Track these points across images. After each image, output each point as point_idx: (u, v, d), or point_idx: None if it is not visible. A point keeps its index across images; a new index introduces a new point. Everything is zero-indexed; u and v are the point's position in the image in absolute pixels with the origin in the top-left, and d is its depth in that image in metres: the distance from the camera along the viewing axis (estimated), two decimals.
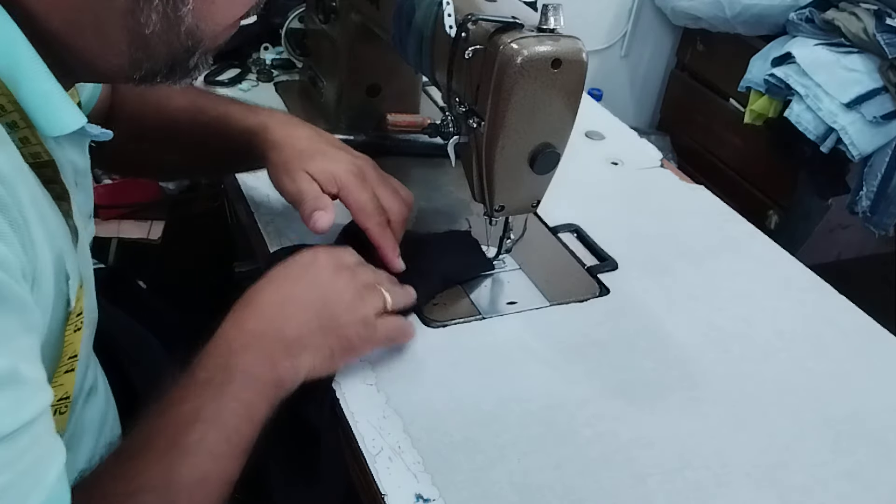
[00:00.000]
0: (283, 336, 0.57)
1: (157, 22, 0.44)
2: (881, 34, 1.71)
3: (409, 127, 0.96)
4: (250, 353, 0.56)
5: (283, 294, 0.60)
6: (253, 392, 0.54)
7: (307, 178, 0.70)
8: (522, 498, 0.56)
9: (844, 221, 2.02)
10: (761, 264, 0.85)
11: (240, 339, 0.57)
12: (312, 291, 0.60)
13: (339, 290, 0.61)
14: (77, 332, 0.48)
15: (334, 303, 0.60)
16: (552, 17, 0.61)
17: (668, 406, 0.65)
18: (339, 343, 0.60)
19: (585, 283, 0.79)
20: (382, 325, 0.63)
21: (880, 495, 0.60)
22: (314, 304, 0.60)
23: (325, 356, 0.59)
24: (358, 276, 0.64)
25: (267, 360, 0.56)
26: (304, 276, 0.62)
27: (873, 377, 0.71)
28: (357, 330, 0.61)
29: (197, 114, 0.76)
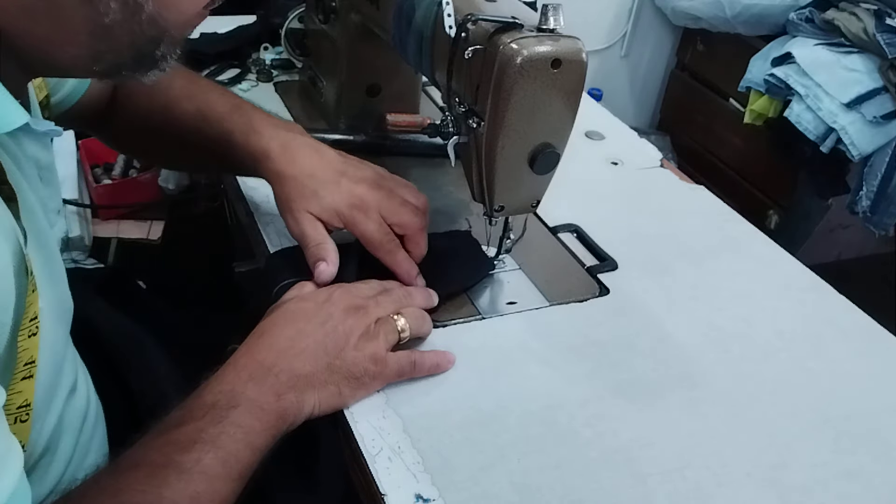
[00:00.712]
0: (292, 370, 0.58)
1: (118, 10, 0.43)
2: (881, 34, 1.71)
3: (408, 127, 0.96)
4: (257, 382, 0.56)
5: (297, 328, 0.61)
6: (255, 420, 0.55)
7: (310, 219, 0.70)
8: (522, 498, 0.56)
9: (844, 221, 2.02)
10: (761, 264, 0.85)
11: (249, 368, 0.57)
12: (323, 329, 0.61)
13: (349, 328, 0.61)
14: (32, 337, 0.47)
15: (343, 341, 0.61)
16: (552, 17, 0.61)
17: (668, 406, 0.65)
18: (346, 382, 0.60)
19: (585, 283, 0.79)
20: (393, 361, 0.63)
21: (880, 495, 0.60)
22: (324, 342, 0.60)
23: (332, 393, 0.60)
24: (371, 313, 0.64)
25: (272, 392, 0.56)
26: (318, 313, 0.62)
27: (873, 377, 0.71)
28: (366, 367, 0.61)
29: (202, 124, 0.75)
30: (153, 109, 0.76)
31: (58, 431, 0.54)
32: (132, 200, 1.41)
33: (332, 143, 0.95)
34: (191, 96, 0.76)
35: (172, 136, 0.77)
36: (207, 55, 1.12)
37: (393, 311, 0.65)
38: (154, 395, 0.66)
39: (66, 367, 0.56)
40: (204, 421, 0.53)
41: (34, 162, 0.51)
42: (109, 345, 0.69)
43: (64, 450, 0.56)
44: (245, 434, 0.54)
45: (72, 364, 0.59)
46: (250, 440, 0.54)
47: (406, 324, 0.65)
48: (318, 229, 0.70)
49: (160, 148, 0.81)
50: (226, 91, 0.79)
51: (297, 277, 0.69)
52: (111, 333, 0.69)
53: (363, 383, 0.61)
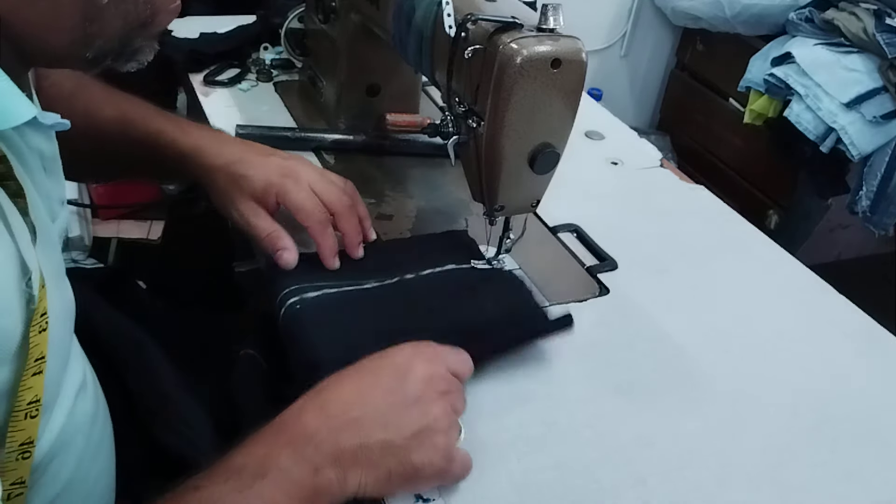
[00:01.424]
0: (337, 443, 0.50)
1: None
2: (881, 34, 1.71)
3: (408, 127, 0.96)
4: (294, 450, 0.49)
5: (361, 390, 0.53)
6: (283, 493, 0.48)
7: (250, 206, 0.70)
8: (522, 498, 0.56)
9: (844, 221, 2.02)
10: (761, 264, 0.85)
11: (290, 431, 0.51)
12: (395, 396, 0.53)
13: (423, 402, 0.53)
14: (42, 332, 0.46)
15: (416, 416, 0.52)
16: (552, 17, 0.61)
17: (668, 406, 0.65)
18: (401, 468, 0.51)
19: (585, 283, 0.79)
20: (460, 459, 0.54)
21: (880, 495, 0.60)
22: (390, 413, 0.52)
23: (380, 478, 0.51)
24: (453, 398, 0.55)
25: (309, 464, 0.49)
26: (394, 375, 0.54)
27: (873, 377, 0.71)
28: (432, 459, 0.52)
29: (126, 127, 0.73)
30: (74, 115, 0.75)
31: (69, 430, 0.54)
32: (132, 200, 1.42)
33: (331, 143, 0.95)
34: (111, 102, 0.75)
35: (94, 142, 0.75)
36: (207, 55, 1.11)
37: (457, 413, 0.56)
38: (153, 396, 0.66)
39: (73, 364, 0.56)
40: (226, 486, 0.47)
41: (38, 153, 0.51)
42: (109, 345, 0.69)
43: (75, 449, 0.56)
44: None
45: (79, 361, 0.58)
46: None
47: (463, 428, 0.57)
48: (262, 216, 0.70)
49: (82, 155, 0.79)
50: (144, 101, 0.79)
51: (301, 284, 0.69)
52: (111, 333, 0.69)
53: (420, 476, 0.52)
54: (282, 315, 0.68)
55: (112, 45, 0.47)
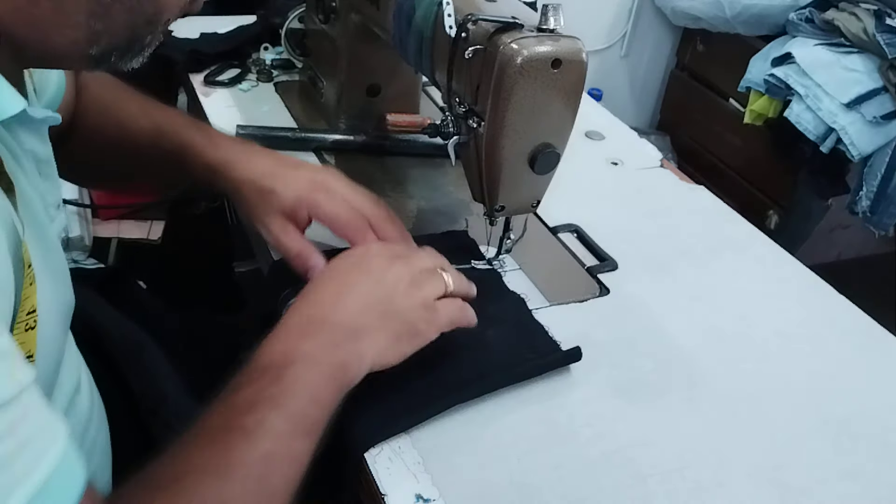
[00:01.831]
0: (344, 322, 0.56)
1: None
2: (881, 34, 1.71)
3: (409, 127, 0.96)
4: (311, 337, 0.55)
5: (340, 283, 0.59)
6: (316, 374, 0.53)
7: (279, 223, 0.69)
8: (522, 498, 0.56)
9: (844, 221, 2.02)
10: (761, 264, 0.85)
11: (299, 326, 0.56)
12: (369, 279, 0.59)
13: (396, 276, 0.60)
14: (30, 330, 0.46)
15: (392, 288, 0.59)
16: (552, 17, 0.61)
17: (668, 406, 0.65)
18: (403, 328, 0.58)
19: (585, 283, 0.79)
20: (444, 307, 0.61)
21: (880, 495, 0.60)
22: (372, 291, 0.59)
23: (390, 340, 0.57)
24: (414, 262, 0.62)
25: (328, 344, 0.55)
26: (359, 265, 0.61)
27: (873, 377, 0.71)
28: (419, 314, 0.59)
29: (158, 139, 0.73)
30: (107, 125, 0.75)
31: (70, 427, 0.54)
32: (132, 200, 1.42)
33: (331, 144, 0.95)
34: (146, 114, 0.75)
35: (125, 152, 0.75)
36: (207, 55, 1.11)
37: (432, 266, 0.63)
38: (154, 396, 0.66)
39: (68, 366, 0.56)
40: (262, 382, 0.51)
41: (32, 155, 0.51)
42: (110, 345, 0.69)
43: None
44: (307, 389, 0.52)
45: (74, 364, 0.58)
46: (314, 394, 0.52)
47: (449, 279, 0.62)
48: (291, 233, 0.68)
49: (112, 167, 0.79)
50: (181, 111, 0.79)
51: (301, 286, 0.69)
52: (111, 334, 0.69)
53: (419, 330, 0.59)
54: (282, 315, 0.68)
55: (118, 41, 0.46)
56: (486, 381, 0.63)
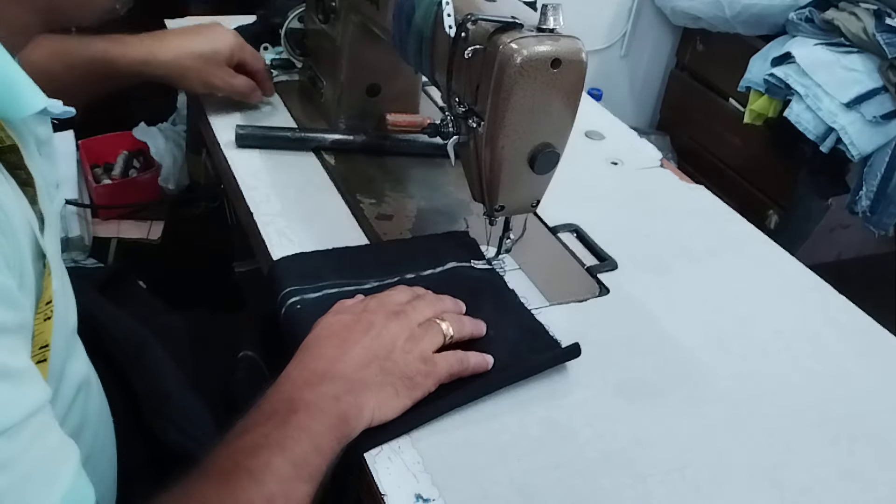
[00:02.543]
0: (345, 375, 0.58)
1: None
2: (881, 34, 1.71)
3: (409, 127, 0.96)
4: (313, 388, 0.57)
5: (341, 339, 0.61)
6: (318, 423, 0.54)
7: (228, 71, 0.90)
8: (522, 498, 0.56)
9: (844, 221, 2.02)
10: (761, 264, 0.85)
11: (303, 377, 0.58)
12: (368, 336, 0.61)
13: (394, 332, 0.62)
14: (47, 320, 0.47)
15: (391, 344, 0.61)
16: (552, 17, 0.61)
17: (668, 406, 0.65)
18: (401, 382, 0.60)
19: (585, 283, 0.79)
20: (442, 360, 0.62)
21: (880, 495, 0.60)
22: (372, 347, 0.60)
23: (389, 395, 0.59)
24: (411, 316, 0.64)
25: (329, 396, 0.56)
26: (359, 323, 0.62)
27: (873, 377, 0.71)
28: (417, 367, 0.60)
29: (67, 57, 0.75)
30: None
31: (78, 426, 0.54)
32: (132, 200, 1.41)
33: (331, 143, 0.95)
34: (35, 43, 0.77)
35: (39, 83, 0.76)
36: None
37: (432, 315, 0.65)
38: (157, 395, 0.66)
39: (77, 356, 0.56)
40: (267, 426, 0.53)
41: (34, 138, 0.52)
42: (111, 344, 0.69)
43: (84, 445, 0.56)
44: (310, 437, 0.53)
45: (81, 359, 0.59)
46: (316, 443, 0.53)
47: (449, 327, 0.64)
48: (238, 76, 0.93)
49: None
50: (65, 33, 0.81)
51: (302, 285, 0.69)
52: (113, 333, 0.69)
53: (417, 383, 0.60)
54: (282, 315, 0.68)
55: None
56: (486, 381, 0.63)
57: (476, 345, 0.66)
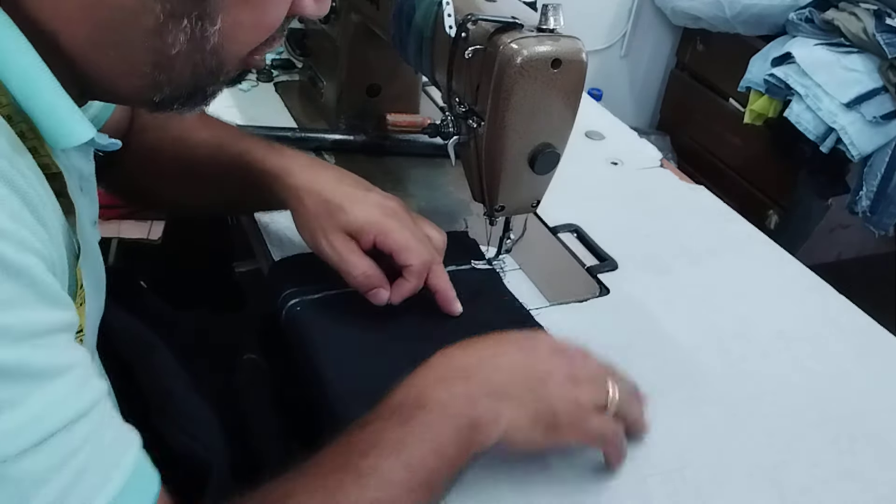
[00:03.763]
0: (489, 379, 0.53)
1: (184, 42, 0.43)
2: (881, 34, 1.71)
3: (409, 127, 0.96)
4: (449, 385, 0.52)
5: (498, 347, 0.57)
6: (444, 425, 0.50)
7: (344, 241, 0.66)
8: (522, 498, 0.56)
9: (844, 221, 2.02)
10: (761, 264, 0.85)
11: (442, 370, 0.53)
12: (529, 356, 0.56)
13: (557, 364, 0.56)
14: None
15: (548, 373, 0.55)
16: (552, 17, 0.61)
17: (668, 406, 0.65)
18: (545, 413, 0.53)
19: (585, 283, 0.79)
20: (599, 420, 0.55)
21: (880, 495, 0.60)
22: (528, 365, 0.55)
23: (529, 417, 0.53)
24: (577, 362, 0.57)
25: (466, 396, 0.51)
26: (522, 342, 0.58)
27: (873, 377, 0.71)
28: (567, 407, 0.54)
29: (217, 149, 0.73)
30: (165, 140, 0.75)
31: None
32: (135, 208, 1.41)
33: (332, 143, 0.95)
34: (205, 125, 0.75)
35: (184, 166, 0.75)
36: None
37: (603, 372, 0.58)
38: (162, 394, 0.66)
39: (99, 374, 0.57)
40: (390, 421, 0.49)
41: (77, 173, 0.52)
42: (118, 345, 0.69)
43: None
44: (433, 437, 0.49)
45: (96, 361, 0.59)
46: (438, 446, 0.49)
47: (616, 393, 0.56)
48: (357, 254, 0.66)
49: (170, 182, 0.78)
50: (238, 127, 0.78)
51: (302, 286, 0.69)
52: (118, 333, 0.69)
53: (560, 424, 0.54)
54: (283, 317, 0.68)
55: (181, 91, 0.47)
56: None
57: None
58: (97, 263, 0.54)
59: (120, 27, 0.42)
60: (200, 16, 0.42)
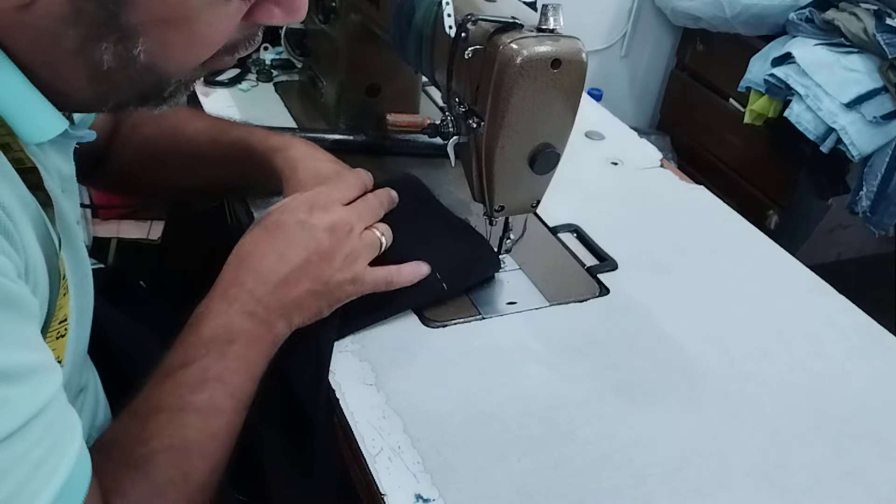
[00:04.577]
0: (280, 301, 0.62)
1: (112, 60, 0.44)
2: (881, 34, 1.71)
3: (409, 127, 0.96)
4: (250, 316, 0.60)
5: (280, 254, 0.63)
6: (254, 350, 0.59)
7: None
8: (522, 498, 0.56)
9: (844, 221, 2.02)
10: (761, 264, 0.85)
11: (240, 300, 0.61)
12: (306, 253, 0.63)
13: (332, 252, 0.64)
14: (60, 338, 0.48)
15: (328, 265, 0.64)
16: (552, 18, 0.61)
17: (668, 406, 0.65)
18: (328, 302, 0.65)
19: (585, 283, 0.79)
20: (371, 278, 0.66)
21: (880, 495, 0.60)
22: (309, 269, 0.63)
23: (315, 313, 0.64)
24: (355, 230, 0.66)
25: (265, 325, 0.61)
26: (301, 233, 0.64)
27: (873, 377, 0.71)
28: (346, 289, 0.65)
29: (217, 134, 0.78)
30: (161, 133, 0.78)
31: None
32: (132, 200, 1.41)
33: (332, 143, 0.95)
34: (201, 117, 0.80)
35: (185, 153, 0.78)
36: None
37: (373, 221, 0.69)
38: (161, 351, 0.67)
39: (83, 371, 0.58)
40: (207, 359, 0.57)
41: (58, 173, 0.52)
42: (114, 346, 0.69)
43: None
44: (247, 367, 0.58)
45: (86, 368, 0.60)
46: (251, 371, 0.59)
47: (383, 236, 0.68)
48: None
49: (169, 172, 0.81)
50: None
51: None
52: (116, 334, 0.70)
53: (341, 300, 0.66)
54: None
55: (128, 99, 0.48)
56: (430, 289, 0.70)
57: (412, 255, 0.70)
58: (82, 262, 0.54)
59: (47, 46, 0.43)
60: (119, 39, 0.43)
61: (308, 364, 0.64)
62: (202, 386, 0.55)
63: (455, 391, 0.64)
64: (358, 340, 0.68)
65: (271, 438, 0.65)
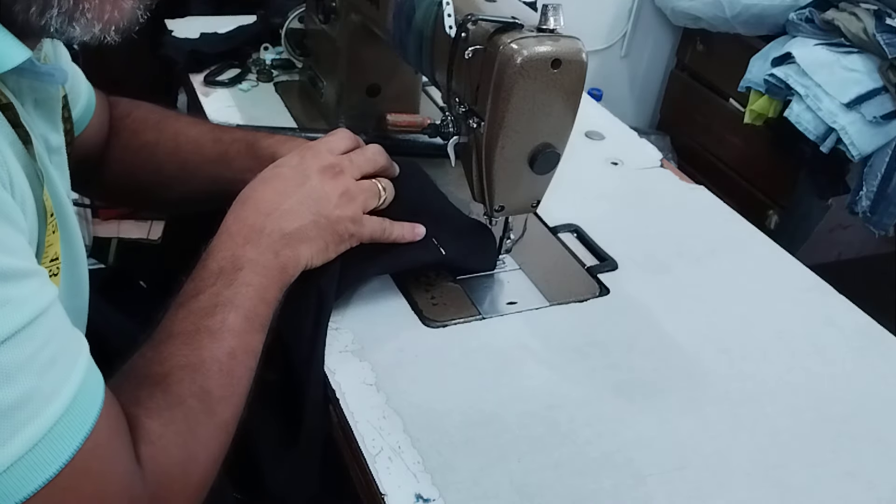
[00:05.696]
0: (282, 230, 0.64)
1: None
2: (881, 34, 1.71)
3: (409, 127, 0.96)
4: (253, 245, 0.62)
5: (276, 191, 0.66)
6: (262, 276, 0.61)
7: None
8: (522, 498, 0.56)
9: (844, 221, 2.02)
10: (761, 264, 0.85)
11: (242, 233, 0.63)
12: (303, 189, 0.66)
13: (328, 190, 0.67)
14: (53, 277, 0.49)
15: (325, 201, 0.66)
16: (552, 18, 0.61)
17: (668, 406, 0.65)
18: (332, 237, 0.66)
19: (585, 283, 0.79)
20: (369, 223, 0.69)
21: (880, 495, 0.60)
22: (307, 202, 0.65)
23: (321, 248, 0.66)
24: (347, 172, 0.69)
25: (269, 251, 0.63)
26: (295, 175, 0.67)
27: (873, 377, 0.71)
28: (346, 226, 0.67)
29: (220, 133, 0.80)
30: (163, 137, 0.80)
31: None
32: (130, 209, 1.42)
33: None
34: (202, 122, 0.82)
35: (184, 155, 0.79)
36: (207, 55, 1.11)
37: (370, 171, 0.71)
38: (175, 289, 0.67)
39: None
40: (217, 286, 0.59)
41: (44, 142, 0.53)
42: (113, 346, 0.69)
43: None
44: (256, 291, 0.60)
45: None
46: (262, 295, 0.60)
47: (385, 189, 0.71)
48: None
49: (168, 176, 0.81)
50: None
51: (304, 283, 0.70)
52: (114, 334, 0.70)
53: (343, 240, 0.67)
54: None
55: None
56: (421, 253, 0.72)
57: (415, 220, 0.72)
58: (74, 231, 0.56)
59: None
60: None
61: (309, 309, 0.66)
62: (214, 310, 0.57)
63: (455, 391, 0.64)
64: (358, 341, 0.68)
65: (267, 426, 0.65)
